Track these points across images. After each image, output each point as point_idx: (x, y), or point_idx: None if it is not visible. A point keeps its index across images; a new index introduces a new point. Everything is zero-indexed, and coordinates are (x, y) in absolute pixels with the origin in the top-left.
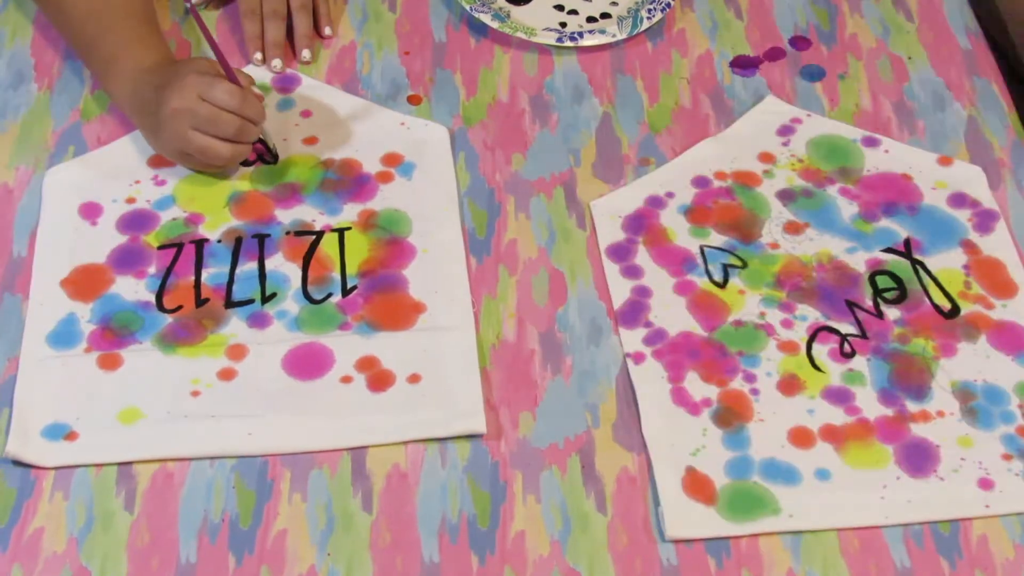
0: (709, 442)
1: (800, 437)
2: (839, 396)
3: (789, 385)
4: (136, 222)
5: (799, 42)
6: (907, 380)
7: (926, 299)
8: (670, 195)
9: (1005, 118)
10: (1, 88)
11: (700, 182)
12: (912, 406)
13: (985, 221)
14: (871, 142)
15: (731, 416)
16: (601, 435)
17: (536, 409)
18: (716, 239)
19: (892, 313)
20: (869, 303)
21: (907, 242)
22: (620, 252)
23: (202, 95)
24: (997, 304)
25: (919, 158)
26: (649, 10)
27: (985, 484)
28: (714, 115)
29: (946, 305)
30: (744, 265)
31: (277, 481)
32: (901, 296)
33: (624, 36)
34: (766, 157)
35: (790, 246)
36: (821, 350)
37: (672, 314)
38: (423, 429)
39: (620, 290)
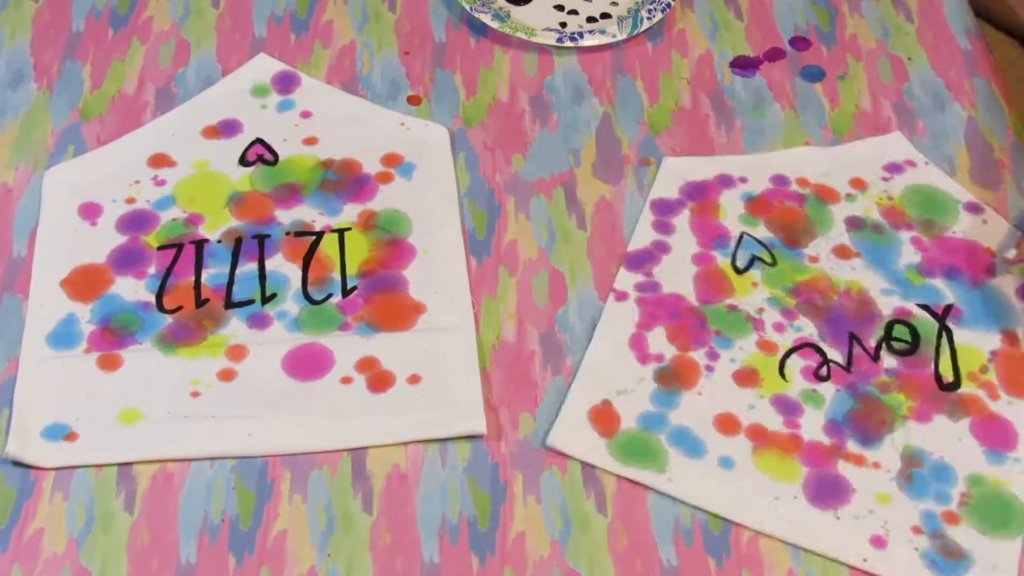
0: (639, 390)
1: (726, 424)
2: (786, 407)
3: (745, 376)
4: (136, 222)
5: (799, 42)
6: (863, 423)
7: (932, 365)
8: (743, 180)
9: (1005, 119)
10: (0, 88)
11: (779, 180)
12: (853, 446)
13: None
14: (974, 208)
15: (672, 378)
16: None
17: (536, 410)
18: (761, 232)
19: (888, 361)
20: (871, 343)
21: (948, 307)
22: (665, 207)
23: None
24: (1004, 398)
25: (1014, 240)
26: (649, 10)
27: (877, 542)
28: (714, 115)
29: (949, 377)
30: (772, 263)
31: (277, 482)
32: (909, 351)
33: (624, 36)
34: (858, 183)
35: (828, 266)
36: (797, 363)
37: (676, 275)
38: (423, 430)
39: (642, 238)
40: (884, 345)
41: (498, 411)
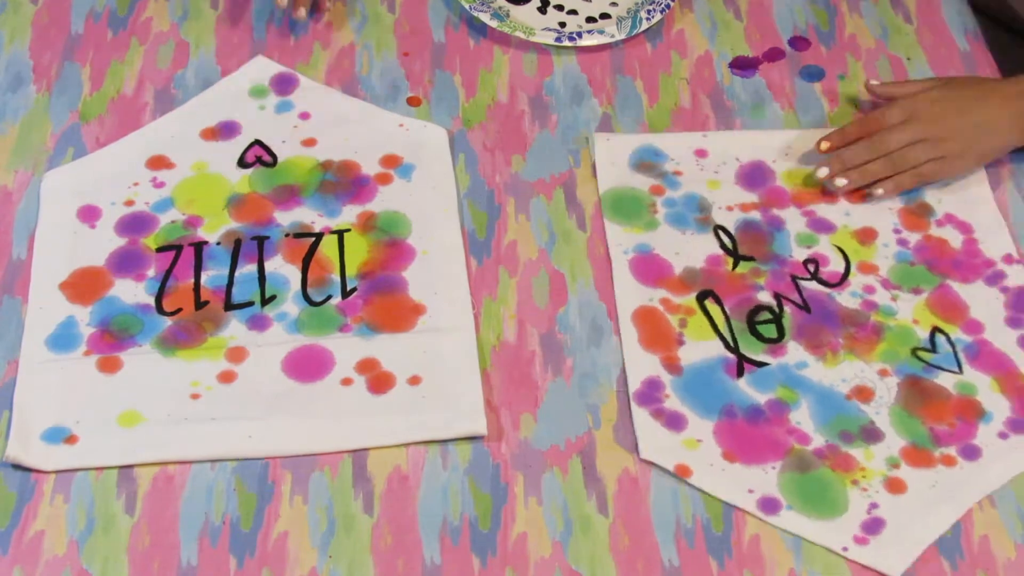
0: None
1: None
2: None
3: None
4: (135, 225)
5: (798, 42)
6: None
7: None
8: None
9: None
10: None
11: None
12: None
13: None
14: None
15: None
16: (602, 436)
17: (537, 411)
18: None
19: None
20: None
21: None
22: None
23: None
24: None
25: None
26: (648, 11)
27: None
28: (713, 116)
29: None
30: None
31: (278, 483)
32: None
33: (623, 37)
34: None
35: None
36: None
37: None
38: (424, 431)
39: None
40: None
41: (499, 412)
